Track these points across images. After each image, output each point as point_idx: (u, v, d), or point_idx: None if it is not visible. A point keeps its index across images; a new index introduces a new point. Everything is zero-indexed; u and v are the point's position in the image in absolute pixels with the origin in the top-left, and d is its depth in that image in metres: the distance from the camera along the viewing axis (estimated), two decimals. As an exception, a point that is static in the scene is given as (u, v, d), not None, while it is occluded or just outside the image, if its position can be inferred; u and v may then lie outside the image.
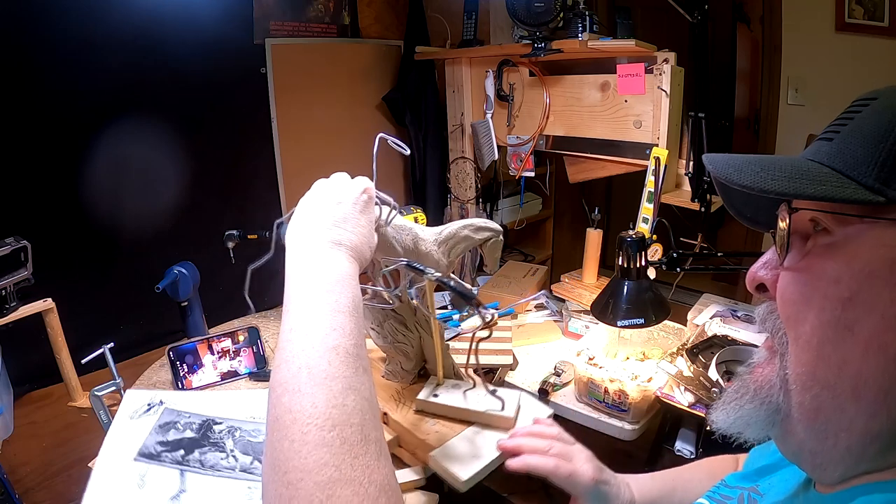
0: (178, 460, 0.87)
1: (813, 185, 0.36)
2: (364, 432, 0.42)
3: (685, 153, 1.43)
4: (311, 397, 0.42)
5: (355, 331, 0.48)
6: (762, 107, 1.97)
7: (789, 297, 0.40)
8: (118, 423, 0.95)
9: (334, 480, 0.38)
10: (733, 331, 1.21)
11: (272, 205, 1.80)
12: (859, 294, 0.35)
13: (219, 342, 1.24)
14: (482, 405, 0.86)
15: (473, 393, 0.89)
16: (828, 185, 0.36)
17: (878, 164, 0.35)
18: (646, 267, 1.16)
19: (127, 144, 1.40)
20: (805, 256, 0.39)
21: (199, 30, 1.50)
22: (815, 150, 0.40)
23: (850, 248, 0.36)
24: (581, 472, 0.68)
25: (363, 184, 0.63)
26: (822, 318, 0.37)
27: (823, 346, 0.37)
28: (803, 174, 0.37)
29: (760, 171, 0.38)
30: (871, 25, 1.64)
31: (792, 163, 0.39)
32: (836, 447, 0.37)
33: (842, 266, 0.36)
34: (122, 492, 0.80)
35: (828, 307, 0.37)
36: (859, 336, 0.35)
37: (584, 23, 1.39)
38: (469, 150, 1.88)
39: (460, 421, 0.87)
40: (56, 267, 1.28)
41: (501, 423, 0.85)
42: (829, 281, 0.37)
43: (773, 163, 0.39)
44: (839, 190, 0.35)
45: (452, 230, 0.80)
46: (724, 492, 0.54)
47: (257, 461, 0.88)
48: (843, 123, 0.39)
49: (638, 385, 1.12)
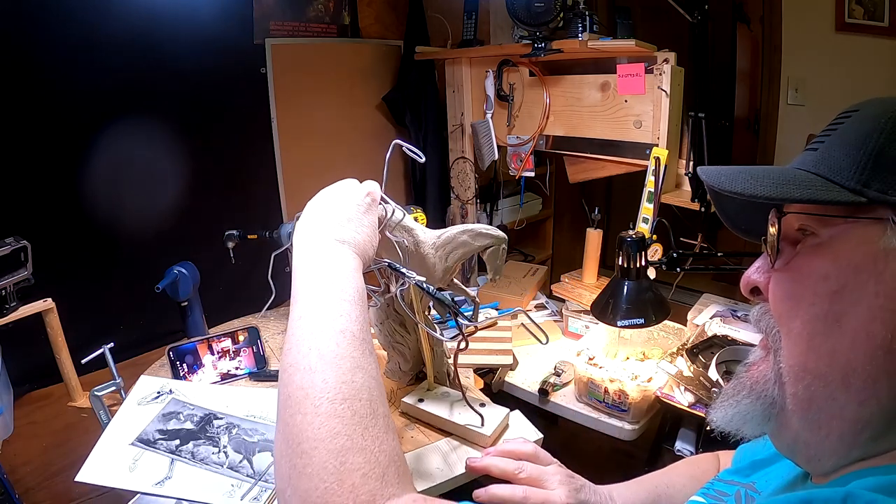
0: (172, 449, 0.91)
1: (799, 189, 0.39)
2: (373, 406, 0.44)
3: (685, 153, 1.43)
4: (321, 374, 0.44)
5: (361, 317, 0.51)
6: (762, 107, 1.97)
7: (781, 296, 0.42)
8: (126, 407, 1.00)
9: (346, 448, 0.40)
10: (733, 331, 1.22)
11: (272, 205, 1.79)
12: (846, 287, 0.38)
13: (219, 342, 1.24)
14: (463, 419, 0.85)
15: (461, 404, 0.88)
16: (813, 188, 0.39)
17: (858, 168, 0.38)
18: (646, 267, 1.16)
19: (127, 144, 1.40)
20: (794, 257, 0.42)
21: (199, 30, 1.49)
22: (801, 159, 0.43)
23: (836, 246, 0.39)
24: (554, 499, 0.61)
25: (368, 187, 0.66)
26: (811, 312, 0.39)
27: (814, 339, 0.39)
28: (790, 181, 0.40)
29: (750, 179, 0.41)
30: (871, 25, 1.64)
31: (781, 172, 0.41)
32: (829, 437, 0.39)
33: (829, 263, 0.39)
34: (114, 471, 0.86)
35: (817, 302, 0.39)
36: (847, 327, 0.37)
37: (584, 23, 1.39)
38: (469, 150, 1.88)
39: (440, 430, 0.87)
40: (56, 267, 1.28)
41: (478, 439, 0.83)
42: (817, 278, 0.39)
43: (762, 172, 0.42)
44: (823, 193, 0.38)
45: (450, 235, 0.79)
46: (720, 487, 0.55)
47: (247, 461, 0.91)
48: (827, 134, 0.42)
49: (638, 385, 1.12)
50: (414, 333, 0.94)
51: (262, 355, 1.26)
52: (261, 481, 0.87)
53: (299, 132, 1.80)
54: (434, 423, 0.88)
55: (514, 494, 0.62)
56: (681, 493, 0.68)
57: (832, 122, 0.42)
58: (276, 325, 1.47)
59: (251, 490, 0.85)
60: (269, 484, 0.86)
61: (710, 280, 1.85)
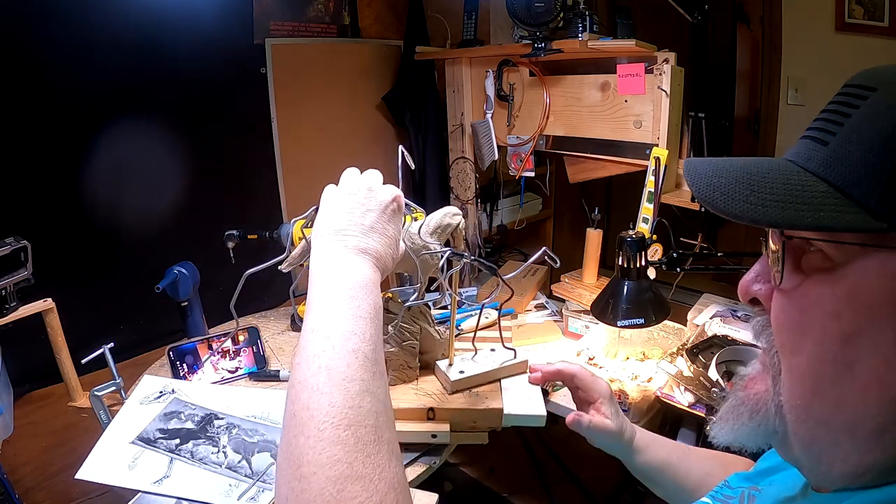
0: (172, 448, 0.92)
1: (809, 211, 0.33)
2: (378, 433, 0.43)
3: (685, 153, 1.43)
4: (329, 396, 0.43)
5: (375, 336, 0.49)
6: (762, 107, 1.97)
7: (784, 324, 0.38)
8: (128, 406, 1.02)
9: (346, 476, 0.39)
10: (733, 331, 1.21)
11: (272, 205, 1.79)
12: (861, 332, 0.33)
13: (219, 342, 1.24)
14: (498, 361, 1.00)
15: (481, 357, 1.02)
16: (825, 210, 0.33)
17: (882, 181, 0.31)
18: (646, 267, 1.16)
19: (127, 144, 1.40)
20: (802, 282, 0.37)
21: (198, 30, 1.49)
22: (807, 153, 0.37)
23: (851, 279, 0.34)
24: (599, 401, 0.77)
25: (393, 192, 0.63)
26: (818, 352, 0.35)
27: (820, 382, 0.36)
28: (797, 197, 0.34)
29: (749, 193, 0.36)
30: (871, 25, 1.64)
31: (785, 180, 0.36)
32: (830, 471, 0.37)
33: (842, 299, 0.34)
34: (114, 469, 0.87)
35: (826, 342, 0.35)
36: (859, 375, 0.33)
37: (584, 23, 1.39)
38: (469, 150, 1.88)
39: (489, 382, 1.00)
40: (56, 267, 1.28)
41: (521, 367, 1.01)
42: (827, 314, 0.35)
43: (762, 180, 0.36)
44: (838, 217, 0.32)
45: (439, 220, 0.84)
46: (727, 492, 0.54)
47: (246, 461, 0.91)
48: (838, 122, 0.35)
49: (638, 385, 1.12)
50: (417, 324, 1.00)
51: (262, 355, 1.26)
52: (259, 481, 0.87)
53: (299, 132, 1.80)
54: (483, 380, 0.99)
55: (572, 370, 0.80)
56: (704, 474, 0.70)
57: (841, 101, 0.35)
58: (276, 325, 1.47)
59: (249, 490, 0.85)
60: (268, 484, 0.87)
61: (710, 280, 1.85)
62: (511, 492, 1.90)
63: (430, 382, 1.01)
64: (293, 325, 1.44)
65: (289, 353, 1.32)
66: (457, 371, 0.98)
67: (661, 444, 0.76)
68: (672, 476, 0.73)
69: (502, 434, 0.99)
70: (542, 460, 1.92)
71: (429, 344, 1.03)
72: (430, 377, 1.03)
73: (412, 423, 0.95)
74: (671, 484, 0.73)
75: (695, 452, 0.76)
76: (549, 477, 1.88)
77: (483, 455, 2.01)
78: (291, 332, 1.43)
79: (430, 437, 0.94)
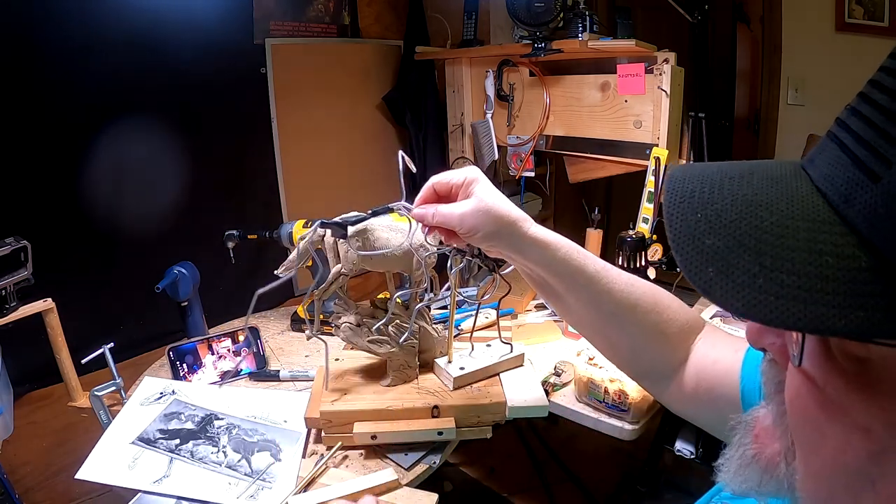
0: (171, 448, 0.93)
1: (842, 309, 0.24)
2: None
3: (685, 153, 1.43)
4: None
5: None
6: (762, 107, 1.97)
7: (801, 413, 0.33)
8: (129, 406, 1.02)
9: None
10: (733, 331, 1.21)
11: (272, 205, 1.79)
12: (891, 450, 0.28)
13: (219, 342, 1.24)
14: (497, 356, 1.03)
15: (479, 353, 1.04)
16: (866, 310, 0.23)
17: None
18: (646, 267, 1.16)
19: (127, 144, 1.40)
20: (827, 371, 0.30)
21: (199, 30, 1.49)
22: (846, 185, 0.25)
23: (887, 386, 0.28)
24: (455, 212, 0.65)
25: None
26: (840, 460, 0.31)
27: (836, 488, 0.32)
28: (827, 278, 0.24)
29: (759, 271, 0.26)
30: (871, 25, 1.64)
31: (808, 237, 0.26)
32: None
33: (875, 412, 0.28)
34: (114, 469, 0.87)
35: (850, 452, 0.30)
36: (882, 492, 0.29)
37: (584, 23, 1.39)
38: (469, 150, 1.88)
39: (488, 377, 1.01)
40: (56, 267, 1.28)
41: (518, 361, 1.04)
42: (855, 426, 0.29)
43: (777, 241, 0.26)
44: (881, 325, 0.23)
45: None
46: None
47: (245, 460, 0.92)
48: (884, 142, 0.24)
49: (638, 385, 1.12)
50: (417, 323, 1.00)
51: (262, 355, 1.26)
52: (258, 480, 0.87)
53: (299, 132, 1.80)
54: (483, 375, 1.01)
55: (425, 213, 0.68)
56: (616, 284, 0.64)
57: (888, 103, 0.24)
58: (276, 325, 1.47)
59: (248, 488, 0.85)
60: (267, 483, 0.87)
61: (711, 280, 1.85)
62: (511, 492, 1.90)
63: (430, 381, 1.02)
64: (293, 325, 1.44)
65: (289, 353, 1.32)
66: (457, 367, 0.99)
67: (573, 248, 0.65)
68: (586, 283, 0.64)
69: (502, 434, 0.99)
70: (543, 460, 1.92)
71: (427, 343, 1.03)
72: (430, 375, 1.03)
73: (417, 422, 0.94)
74: (584, 293, 0.65)
75: (613, 268, 0.67)
76: (550, 477, 1.88)
77: (483, 455, 2.01)
78: (291, 332, 1.43)
79: (437, 435, 0.94)
